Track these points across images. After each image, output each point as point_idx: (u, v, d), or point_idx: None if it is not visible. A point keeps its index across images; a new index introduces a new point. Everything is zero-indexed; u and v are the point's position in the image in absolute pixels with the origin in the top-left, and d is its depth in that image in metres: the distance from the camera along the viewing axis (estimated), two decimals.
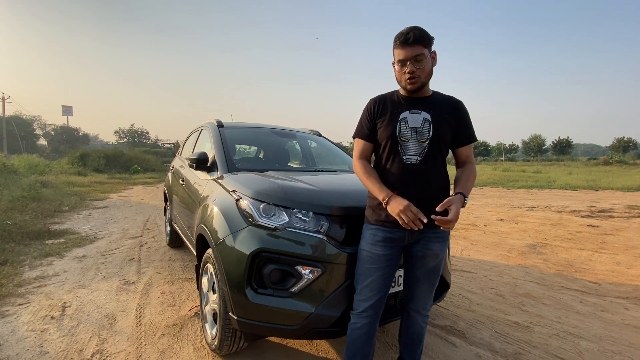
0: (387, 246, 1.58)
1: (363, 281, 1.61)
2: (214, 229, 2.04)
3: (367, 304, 1.60)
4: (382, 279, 1.59)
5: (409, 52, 1.47)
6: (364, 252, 1.61)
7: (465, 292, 3.18)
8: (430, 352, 2.19)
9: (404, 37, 1.47)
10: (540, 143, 60.89)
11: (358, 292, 1.63)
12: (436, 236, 1.59)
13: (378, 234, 1.58)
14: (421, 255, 1.61)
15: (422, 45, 1.48)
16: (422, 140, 1.54)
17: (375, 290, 1.59)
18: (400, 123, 1.56)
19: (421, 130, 1.55)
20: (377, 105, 1.64)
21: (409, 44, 1.47)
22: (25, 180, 10.21)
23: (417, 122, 1.55)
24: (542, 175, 20.21)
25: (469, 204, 9.16)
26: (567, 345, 2.29)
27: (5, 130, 36.64)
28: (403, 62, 1.50)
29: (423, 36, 1.48)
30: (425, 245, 1.59)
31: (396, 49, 1.51)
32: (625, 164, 32.53)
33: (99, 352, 2.13)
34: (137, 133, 58.43)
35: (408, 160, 1.55)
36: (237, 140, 3.26)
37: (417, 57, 1.48)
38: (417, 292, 1.69)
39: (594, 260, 4.23)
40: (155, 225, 6.05)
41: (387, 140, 1.58)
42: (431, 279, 1.67)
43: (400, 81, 1.56)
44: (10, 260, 3.72)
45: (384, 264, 1.58)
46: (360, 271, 1.63)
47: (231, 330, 1.90)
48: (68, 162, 19.21)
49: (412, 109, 1.57)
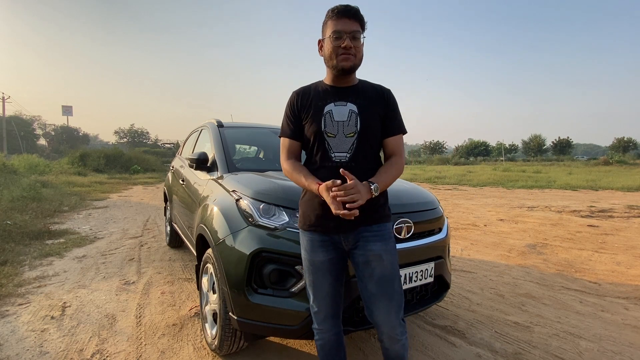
0: (328, 250, 1.44)
1: (314, 292, 1.49)
2: (214, 229, 2.04)
3: (322, 316, 1.50)
4: (331, 287, 1.47)
5: (347, 25, 1.36)
6: (305, 261, 1.49)
7: (465, 292, 3.18)
8: (430, 352, 2.19)
9: (345, 8, 1.37)
10: (540, 143, 60.93)
11: (311, 304, 1.51)
12: (373, 235, 1.42)
13: (315, 239, 1.45)
14: (364, 260, 1.42)
15: (359, 23, 1.39)
16: (350, 134, 1.41)
17: (328, 300, 1.48)
18: (325, 117, 1.42)
19: (348, 124, 1.41)
20: (299, 98, 1.49)
21: (349, 17, 1.37)
22: (25, 180, 10.22)
23: (343, 114, 1.42)
24: (542, 175, 20.21)
25: (469, 203, 9.15)
26: (567, 345, 2.29)
27: (5, 130, 36.65)
28: (339, 34, 1.36)
29: (361, 16, 1.39)
30: (364, 247, 1.42)
31: (332, 20, 1.38)
32: (625, 164, 32.52)
33: (99, 352, 2.13)
34: (137, 133, 58.52)
35: (337, 157, 1.41)
36: (237, 140, 3.26)
37: (355, 34, 1.37)
38: (376, 313, 1.44)
39: (594, 260, 4.23)
40: (155, 225, 6.06)
41: (313, 137, 1.44)
42: (386, 291, 1.41)
43: (332, 59, 1.39)
44: (10, 260, 3.72)
45: (329, 269, 1.45)
46: (307, 283, 1.51)
47: (231, 330, 1.90)
48: (68, 162, 19.24)
49: (337, 101, 1.44)
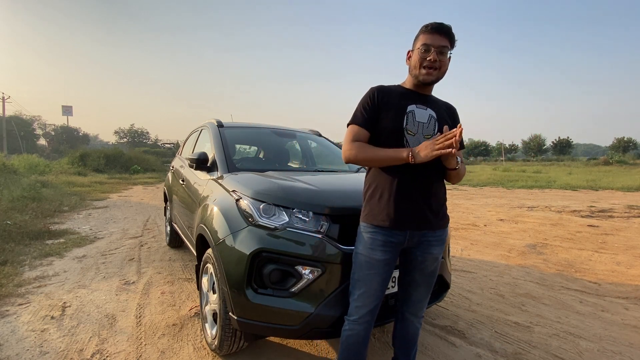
0: (386, 250, 1.50)
1: (361, 287, 1.53)
2: (214, 229, 2.04)
3: (364, 311, 1.54)
4: (380, 285, 1.53)
5: (437, 40, 1.44)
6: (362, 256, 1.53)
7: (465, 292, 3.18)
8: (430, 352, 2.19)
9: (439, 25, 1.45)
10: (540, 143, 60.91)
11: (355, 298, 1.55)
12: (436, 239, 1.56)
13: (377, 237, 1.50)
14: (421, 259, 1.57)
15: (449, 41, 1.47)
16: (428, 136, 1.49)
17: (374, 297, 1.54)
18: (407, 115, 1.50)
19: (427, 126, 1.51)
20: (381, 94, 1.54)
21: (440, 33, 1.44)
22: (25, 180, 10.21)
23: (424, 117, 1.51)
24: (542, 175, 20.21)
25: (469, 203, 9.17)
26: (567, 345, 2.29)
27: (5, 130, 36.63)
28: (428, 47, 1.44)
29: (452, 34, 1.47)
30: (425, 250, 1.55)
31: (425, 34, 1.46)
32: (625, 164, 32.51)
33: (99, 352, 2.13)
34: (137, 133, 58.45)
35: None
36: (237, 140, 3.26)
37: (442, 50, 1.45)
38: (414, 295, 1.65)
39: (594, 260, 4.23)
40: (155, 225, 6.06)
41: (391, 132, 1.49)
42: (429, 282, 1.64)
43: (416, 68, 1.48)
44: (10, 260, 3.72)
45: (383, 269, 1.51)
46: (357, 277, 1.55)
47: (231, 330, 1.90)
48: (68, 162, 19.21)
49: (418, 104, 1.53)
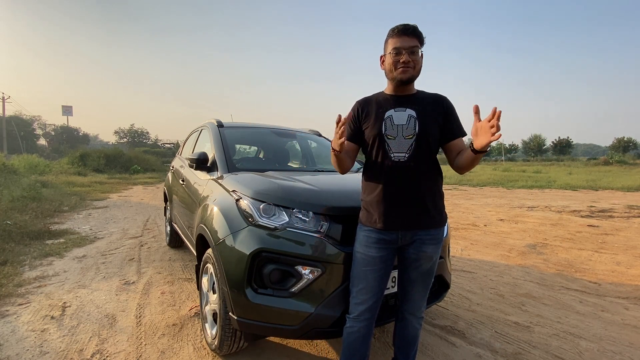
0: (381, 247, 1.57)
1: (358, 284, 1.60)
2: (214, 229, 2.04)
3: (363, 307, 1.59)
4: (377, 281, 1.59)
5: (406, 42, 1.51)
6: (358, 254, 1.61)
7: (465, 292, 3.18)
8: (430, 352, 2.19)
9: (404, 27, 1.52)
10: (540, 143, 60.92)
11: (354, 295, 1.62)
12: (430, 238, 1.59)
13: (372, 236, 1.58)
14: (415, 258, 1.60)
15: (418, 40, 1.53)
16: (409, 136, 1.55)
17: (371, 293, 1.59)
18: (385, 121, 1.57)
19: (407, 127, 1.55)
20: (362, 107, 1.66)
21: (407, 35, 1.51)
22: (25, 180, 10.22)
23: (402, 119, 1.57)
24: (542, 175, 20.21)
25: (469, 203, 9.17)
26: (567, 345, 2.29)
27: (5, 130, 36.65)
28: (399, 50, 1.51)
29: (419, 32, 1.53)
30: (418, 248, 1.59)
31: (393, 38, 1.54)
32: (625, 164, 32.53)
33: (99, 352, 2.13)
34: (137, 133, 58.46)
35: (396, 157, 1.55)
36: (237, 140, 3.26)
37: (413, 49, 1.51)
38: (411, 294, 1.69)
39: (594, 260, 4.23)
40: (155, 225, 6.06)
41: (374, 139, 1.59)
42: (425, 281, 1.66)
43: (392, 71, 1.55)
44: (10, 260, 3.72)
45: (379, 265, 1.58)
46: (355, 273, 1.62)
47: (231, 330, 1.90)
48: (68, 162, 19.23)
49: (397, 107, 1.59)
